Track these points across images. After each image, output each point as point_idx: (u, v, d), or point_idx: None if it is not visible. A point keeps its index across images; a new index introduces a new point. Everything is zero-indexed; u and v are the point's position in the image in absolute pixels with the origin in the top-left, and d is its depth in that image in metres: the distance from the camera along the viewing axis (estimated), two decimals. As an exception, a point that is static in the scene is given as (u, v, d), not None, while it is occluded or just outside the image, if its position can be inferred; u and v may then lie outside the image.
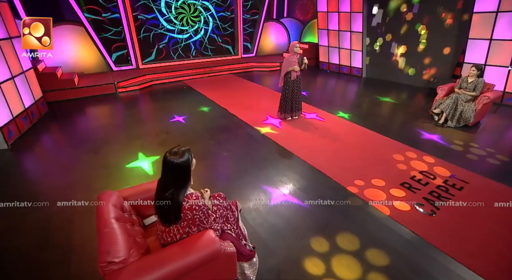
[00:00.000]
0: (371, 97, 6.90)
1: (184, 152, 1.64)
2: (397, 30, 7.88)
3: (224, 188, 3.17)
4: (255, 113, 5.49)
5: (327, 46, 9.41)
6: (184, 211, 1.61)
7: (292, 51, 4.62)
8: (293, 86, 4.80)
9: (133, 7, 7.55)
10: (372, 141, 4.39)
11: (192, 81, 8.02)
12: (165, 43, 8.49)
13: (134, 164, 3.72)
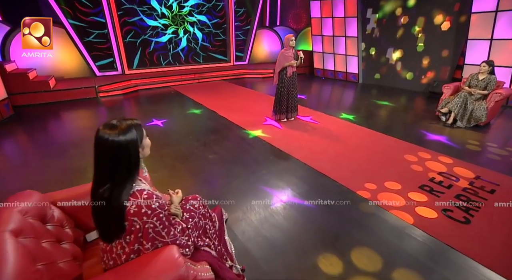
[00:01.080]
0: (370, 101, 6.52)
1: (129, 127, 1.08)
2: (393, 34, 7.67)
3: (208, 195, 2.60)
4: (247, 115, 5.00)
5: (322, 52, 9.16)
6: (128, 217, 1.04)
7: (287, 45, 4.21)
8: (289, 83, 4.36)
9: (120, 9, 7.19)
10: (379, 142, 3.90)
11: (181, 87, 7.57)
12: (154, 49, 8.10)
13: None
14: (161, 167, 3.12)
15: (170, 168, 3.10)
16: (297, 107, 4.63)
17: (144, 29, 7.81)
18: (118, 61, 7.59)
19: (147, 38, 7.93)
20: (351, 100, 6.82)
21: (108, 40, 7.29)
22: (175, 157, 3.36)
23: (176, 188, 1.59)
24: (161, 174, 2.95)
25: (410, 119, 5.11)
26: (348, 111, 5.53)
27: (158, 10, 7.86)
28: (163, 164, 3.19)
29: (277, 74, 4.35)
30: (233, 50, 9.57)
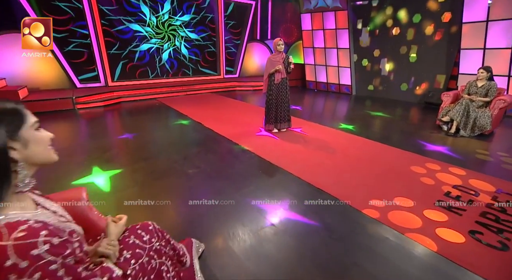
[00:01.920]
0: (366, 112, 6.22)
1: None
2: (386, 45, 7.56)
3: (180, 218, 2.11)
4: (235, 127, 4.59)
5: (314, 65, 8.99)
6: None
7: (276, 49, 3.90)
8: (277, 90, 4.00)
9: (104, 19, 6.90)
10: (381, 152, 3.51)
11: (168, 99, 7.18)
12: (140, 61, 7.77)
13: (84, 180, 2.67)
14: (130, 185, 2.63)
15: (141, 186, 2.61)
16: (289, 117, 4.24)
17: (131, 41, 7.51)
18: (101, 72, 7.20)
19: (134, 50, 7.61)
20: (347, 111, 6.52)
21: (91, 51, 6.94)
22: (149, 172, 2.88)
23: (152, 213, 1.13)
24: (126, 193, 2.46)
25: (410, 129, 4.79)
26: (346, 121, 5.19)
27: (147, 20, 7.61)
28: (133, 181, 2.70)
29: (265, 81, 4.00)
30: (223, 63, 9.34)
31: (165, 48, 8.15)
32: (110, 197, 2.40)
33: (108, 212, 1.31)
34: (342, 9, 7.68)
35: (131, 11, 7.30)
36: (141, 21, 7.54)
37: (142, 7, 7.43)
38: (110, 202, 2.32)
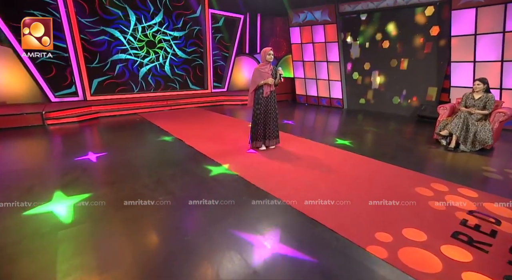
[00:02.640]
0: (359, 126, 5.95)
1: None
2: (375, 58, 7.45)
3: (140, 264, 1.64)
4: (219, 144, 4.18)
5: (304, 78, 8.81)
6: None
7: (264, 60, 3.58)
8: (266, 105, 3.64)
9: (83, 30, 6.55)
10: (380, 171, 3.15)
11: (150, 114, 6.75)
12: (123, 74, 7.38)
13: (41, 209, 2.17)
14: (83, 217, 2.15)
15: (97, 218, 2.14)
16: (278, 133, 3.87)
17: (113, 53, 7.14)
18: (79, 86, 6.75)
19: (115, 62, 7.24)
20: (340, 126, 6.22)
21: (68, 63, 6.52)
22: (112, 200, 2.41)
23: (88, 253, 0.69)
24: (77, 230, 1.98)
25: (408, 144, 4.49)
26: (341, 136, 4.86)
27: (129, 32, 7.30)
28: (88, 213, 2.22)
29: (251, 94, 3.65)
30: (210, 77, 9.05)
31: (149, 61, 7.81)
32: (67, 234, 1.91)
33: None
34: (331, 22, 7.60)
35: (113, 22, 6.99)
36: (124, 33, 7.22)
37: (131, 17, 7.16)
38: (62, 242, 1.83)
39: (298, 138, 4.58)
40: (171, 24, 7.92)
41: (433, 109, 6.55)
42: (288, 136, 4.63)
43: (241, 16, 9.35)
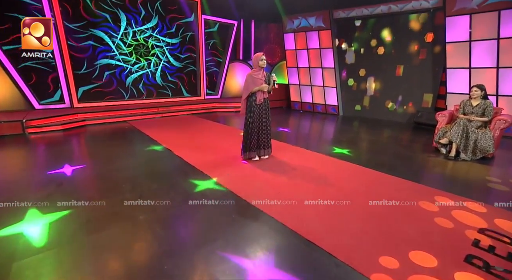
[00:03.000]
0: (355, 134, 5.79)
1: None
2: (371, 64, 7.37)
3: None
4: (211, 154, 3.96)
5: (298, 85, 8.68)
6: None
7: (257, 66, 3.40)
8: (259, 113, 3.45)
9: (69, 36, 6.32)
10: (380, 183, 2.96)
11: (140, 122, 6.50)
12: (113, 80, 7.15)
13: (11, 230, 1.91)
14: (51, 243, 1.90)
15: (65, 244, 1.88)
16: (270, 142, 3.66)
17: (100, 58, 6.91)
18: (65, 92, 6.49)
19: (105, 68, 7.01)
20: (337, 134, 6.06)
21: (54, 69, 6.27)
22: (86, 221, 2.16)
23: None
24: (40, 259, 1.73)
25: (406, 153, 4.32)
26: (338, 145, 4.68)
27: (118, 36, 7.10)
28: (57, 237, 1.96)
29: (244, 101, 3.45)
30: (203, 83, 8.86)
31: (140, 67, 7.60)
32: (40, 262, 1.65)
33: None
34: (326, 28, 7.52)
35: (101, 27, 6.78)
36: (113, 38, 7.01)
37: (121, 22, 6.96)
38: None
39: (293, 147, 4.38)
40: (164, 29, 7.75)
41: (430, 115, 6.45)
42: (282, 145, 4.43)
43: (235, 22, 9.25)
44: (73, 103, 6.60)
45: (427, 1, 6.21)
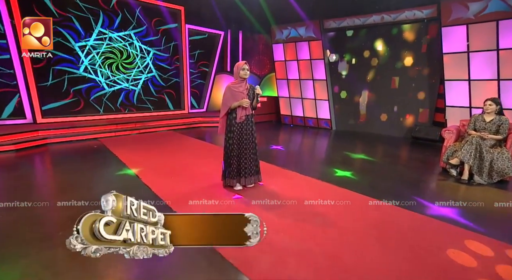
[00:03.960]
0: (352, 151, 5.28)
1: None
2: (364, 76, 6.98)
3: None
4: (186, 181, 3.31)
5: (288, 97, 8.21)
6: None
7: (237, 76, 2.84)
8: (240, 132, 2.85)
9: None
10: (392, 221, 2.38)
11: (113, 139, 5.80)
12: (85, 92, 6.46)
13: None
14: None
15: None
16: (258, 168, 3.05)
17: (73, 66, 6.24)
18: (27, 104, 5.74)
19: (76, 77, 6.32)
20: (330, 152, 5.53)
21: (13, 79, 5.55)
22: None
23: None
24: None
25: (412, 176, 3.80)
26: (338, 166, 4.12)
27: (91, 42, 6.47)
28: None
29: (222, 119, 2.87)
30: (187, 96, 8.28)
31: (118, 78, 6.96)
32: None
33: None
34: (316, 39, 7.15)
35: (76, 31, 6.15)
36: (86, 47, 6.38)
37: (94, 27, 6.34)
38: None
39: (284, 171, 3.78)
40: (144, 37, 7.19)
41: (428, 130, 6.06)
42: (272, 169, 3.83)
43: (222, 33, 8.82)
44: (36, 118, 5.86)
45: (421, 11, 5.93)
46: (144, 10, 7.00)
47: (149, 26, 7.18)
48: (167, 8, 7.32)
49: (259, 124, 8.57)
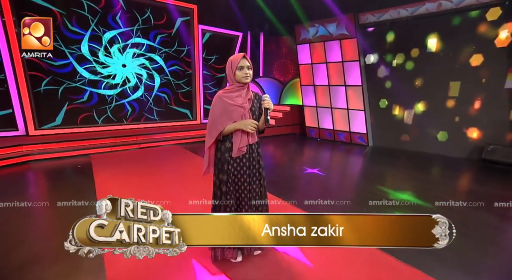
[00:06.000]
0: (388, 188, 3.94)
1: None
2: (411, 81, 5.58)
3: None
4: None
5: (315, 107, 6.99)
6: None
7: (233, 80, 1.75)
8: (238, 174, 1.72)
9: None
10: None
11: (108, 155, 5.02)
12: (84, 102, 5.81)
13: None
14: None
15: None
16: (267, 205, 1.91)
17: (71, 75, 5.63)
18: (19, 116, 5.18)
19: (74, 86, 5.69)
20: (359, 183, 4.22)
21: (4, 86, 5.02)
22: None
23: None
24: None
25: (499, 225, 2.43)
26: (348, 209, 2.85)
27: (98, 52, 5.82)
28: None
29: (208, 152, 1.78)
30: (200, 105, 7.40)
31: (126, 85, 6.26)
32: None
33: None
34: (350, 36, 5.91)
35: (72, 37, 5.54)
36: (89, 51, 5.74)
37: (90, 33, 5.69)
38: None
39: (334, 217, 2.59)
40: (151, 42, 6.45)
41: (507, 151, 4.52)
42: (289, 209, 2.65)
43: (240, 34, 7.90)
44: (28, 130, 5.26)
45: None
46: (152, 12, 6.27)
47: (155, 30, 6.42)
48: (176, 7, 6.53)
49: (280, 137, 7.40)
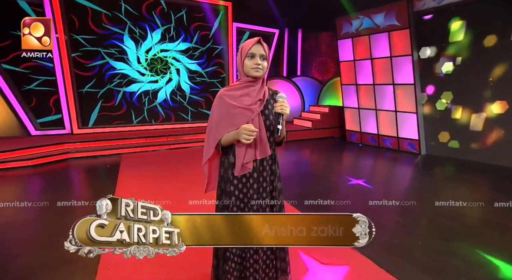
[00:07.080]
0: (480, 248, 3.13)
1: None
2: (483, 76, 4.57)
3: None
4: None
5: (357, 108, 6.26)
6: None
7: (241, 72, 1.36)
8: (244, 197, 1.32)
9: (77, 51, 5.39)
10: None
11: (138, 155, 5.07)
12: (122, 102, 6.01)
13: None
14: None
15: None
16: (285, 264, 1.44)
17: (111, 77, 5.86)
18: (66, 117, 5.56)
19: (113, 88, 5.92)
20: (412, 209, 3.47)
21: (55, 90, 5.41)
22: None
23: None
24: None
25: None
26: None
27: (133, 52, 5.98)
28: None
29: (206, 167, 1.43)
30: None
31: (161, 86, 6.36)
32: None
33: None
34: (401, 27, 5.11)
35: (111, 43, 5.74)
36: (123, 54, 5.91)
37: (126, 40, 5.85)
38: None
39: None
40: (187, 41, 6.43)
41: None
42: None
43: (276, 31, 7.53)
44: (73, 129, 5.59)
45: None
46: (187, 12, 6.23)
47: (191, 28, 6.37)
48: (210, 5, 6.39)
49: (316, 141, 6.75)
